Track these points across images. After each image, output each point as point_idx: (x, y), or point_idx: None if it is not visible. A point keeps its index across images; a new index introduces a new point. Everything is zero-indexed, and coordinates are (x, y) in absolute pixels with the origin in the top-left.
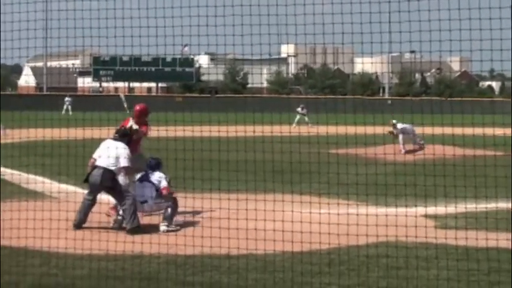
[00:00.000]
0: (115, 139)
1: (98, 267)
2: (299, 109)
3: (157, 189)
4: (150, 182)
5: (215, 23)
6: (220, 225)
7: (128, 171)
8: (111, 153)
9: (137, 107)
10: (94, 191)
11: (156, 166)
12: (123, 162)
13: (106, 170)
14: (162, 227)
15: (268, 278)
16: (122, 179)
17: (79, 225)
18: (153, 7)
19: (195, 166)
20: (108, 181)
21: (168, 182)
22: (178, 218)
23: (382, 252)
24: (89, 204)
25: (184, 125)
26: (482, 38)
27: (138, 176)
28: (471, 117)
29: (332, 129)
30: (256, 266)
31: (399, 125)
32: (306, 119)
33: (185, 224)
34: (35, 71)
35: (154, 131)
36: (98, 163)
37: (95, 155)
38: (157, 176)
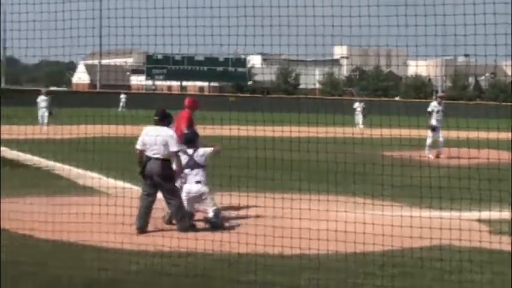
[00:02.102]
0: (156, 123)
1: (151, 264)
2: (358, 107)
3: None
4: (200, 166)
5: (270, 23)
6: (273, 224)
7: (181, 153)
8: (158, 141)
9: (187, 99)
10: (151, 183)
11: (193, 139)
12: (173, 147)
13: (161, 161)
14: (207, 223)
15: (321, 279)
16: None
17: (143, 229)
18: (208, 6)
19: (250, 165)
20: (166, 170)
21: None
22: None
23: (435, 255)
24: (149, 200)
25: (239, 124)
26: None
27: (185, 160)
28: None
29: (385, 132)
30: (309, 266)
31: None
32: (361, 121)
33: (238, 223)
34: (89, 69)
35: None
36: (149, 154)
37: (138, 145)
38: (201, 153)
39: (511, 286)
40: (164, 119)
